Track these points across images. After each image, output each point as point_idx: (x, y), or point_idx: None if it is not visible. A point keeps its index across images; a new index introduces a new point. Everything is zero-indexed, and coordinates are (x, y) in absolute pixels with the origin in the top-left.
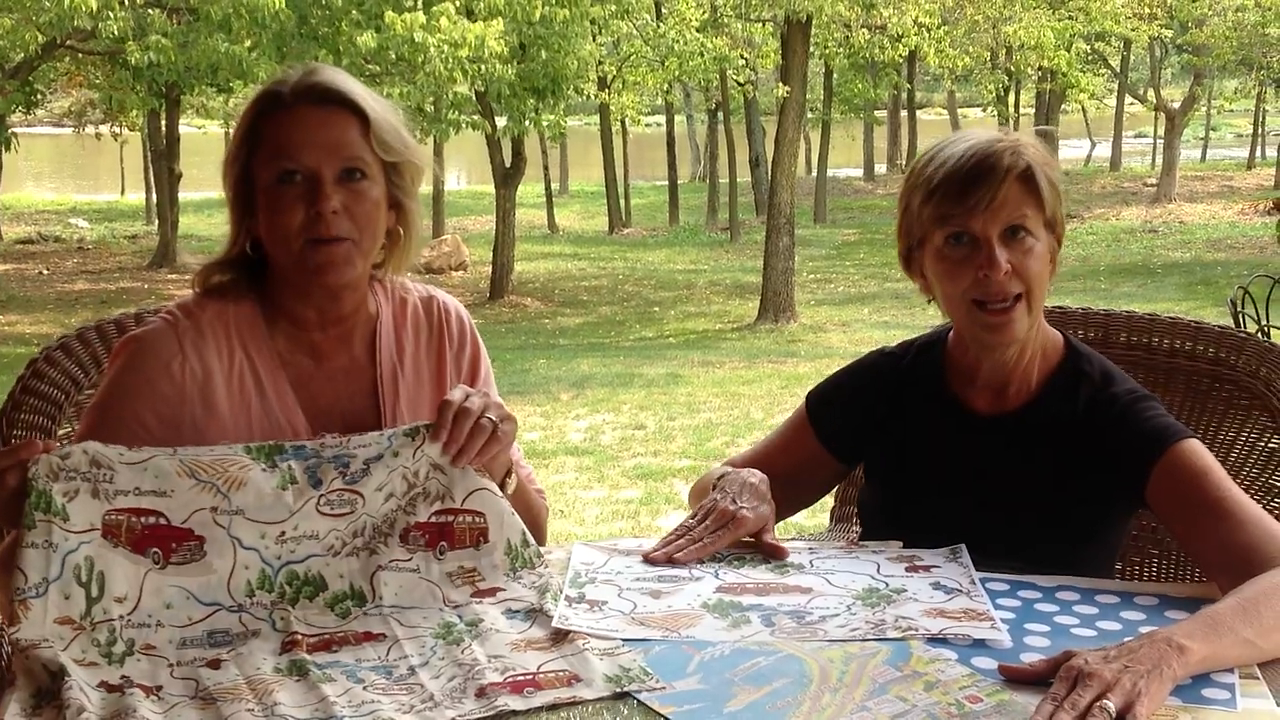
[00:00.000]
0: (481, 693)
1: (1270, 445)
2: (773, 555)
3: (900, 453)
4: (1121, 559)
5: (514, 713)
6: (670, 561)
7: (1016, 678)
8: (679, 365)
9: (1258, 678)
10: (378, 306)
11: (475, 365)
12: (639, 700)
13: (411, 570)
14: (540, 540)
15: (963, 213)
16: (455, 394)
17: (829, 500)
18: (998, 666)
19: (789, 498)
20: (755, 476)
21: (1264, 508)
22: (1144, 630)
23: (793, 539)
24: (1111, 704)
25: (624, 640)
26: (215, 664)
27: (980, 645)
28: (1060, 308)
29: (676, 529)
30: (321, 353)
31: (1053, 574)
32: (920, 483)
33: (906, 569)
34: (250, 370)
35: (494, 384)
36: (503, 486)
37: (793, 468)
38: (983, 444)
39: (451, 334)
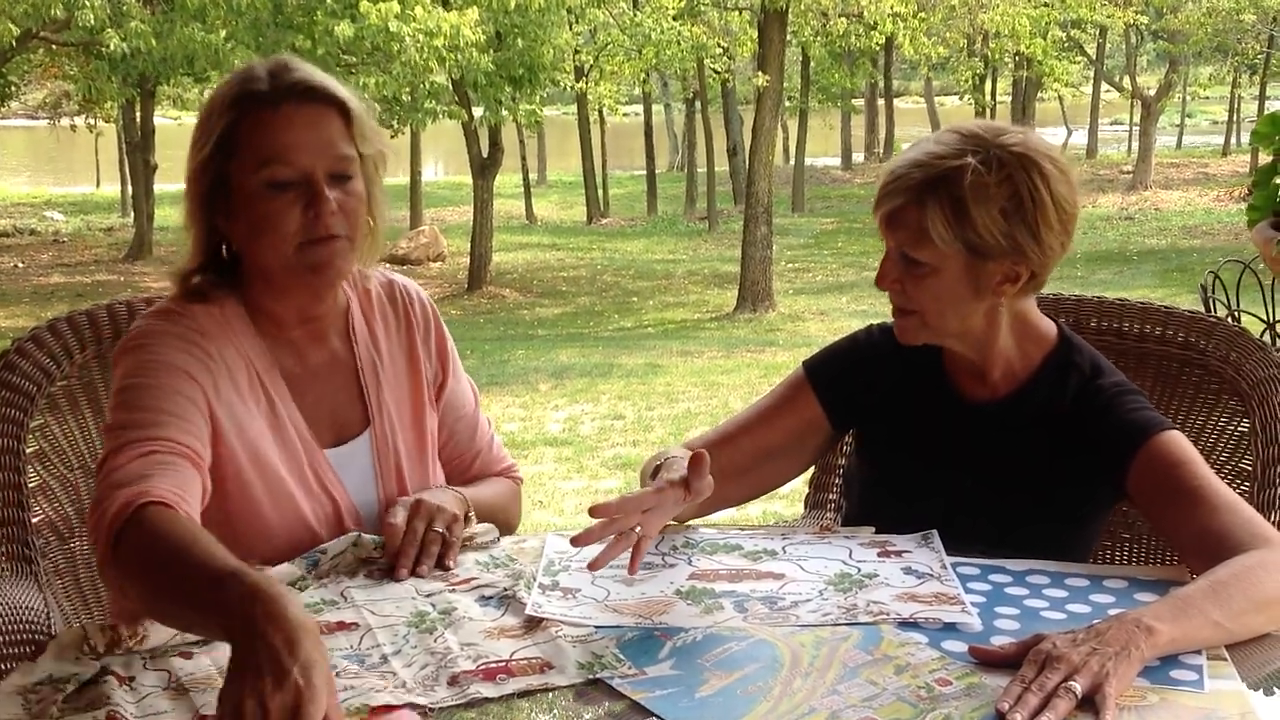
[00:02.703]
0: (454, 680)
1: (1240, 429)
2: (696, 471)
3: (892, 428)
4: (1094, 545)
5: (486, 700)
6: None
7: (986, 660)
8: (658, 355)
9: (1225, 659)
10: (346, 298)
11: (443, 348)
12: (612, 686)
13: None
14: (514, 522)
15: (880, 222)
16: (398, 516)
17: (804, 487)
18: (968, 649)
19: (776, 470)
20: (674, 455)
21: (1235, 492)
22: (1113, 613)
23: (768, 526)
24: (1078, 685)
25: (597, 627)
26: (188, 655)
27: (951, 629)
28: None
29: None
30: (302, 350)
31: (1031, 558)
32: (909, 461)
33: (878, 554)
34: (254, 374)
35: (459, 362)
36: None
37: (785, 435)
38: (971, 428)
39: (417, 319)
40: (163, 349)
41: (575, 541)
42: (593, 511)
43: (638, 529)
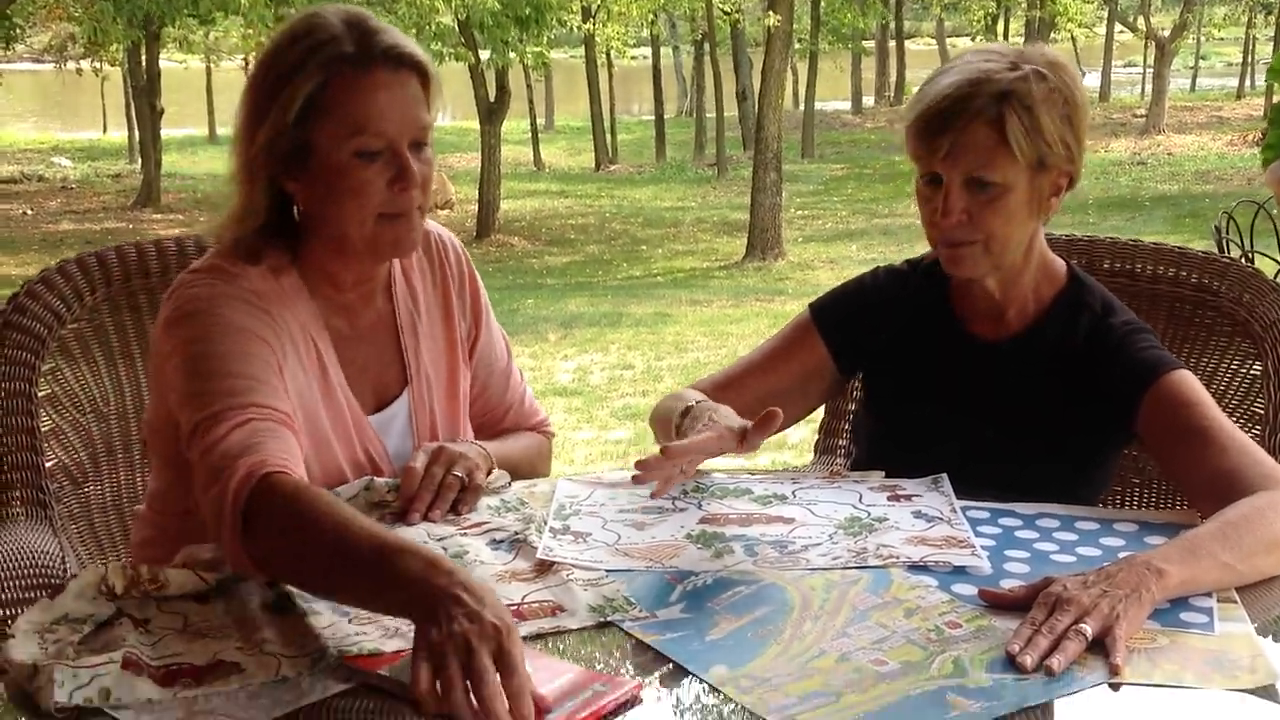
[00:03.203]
0: None
1: (1252, 372)
2: (763, 428)
3: (901, 372)
4: (1102, 492)
5: None
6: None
7: (996, 603)
8: (667, 304)
9: (1235, 601)
10: None
11: (476, 300)
12: (623, 629)
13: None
14: (544, 476)
15: (928, 154)
16: (419, 460)
17: (813, 435)
18: (978, 592)
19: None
20: (719, 408)
21: (1247, 433)
22: (1123, 556)
23: (778, 471)
24: (1088, 627)
25: (608, 571)
26: (203, 600)
27: (960, 572)
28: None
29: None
30: (352, 312)
31: (1041, 501)
32: (918, 404)
33: (888, 498)
34: (309, 338)
35: (492, 314)
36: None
37: (790, 379)
38: (982, 368)
39: (452, 272)
40: (227, 311)
41: (637, 478)
42: (665, 452)
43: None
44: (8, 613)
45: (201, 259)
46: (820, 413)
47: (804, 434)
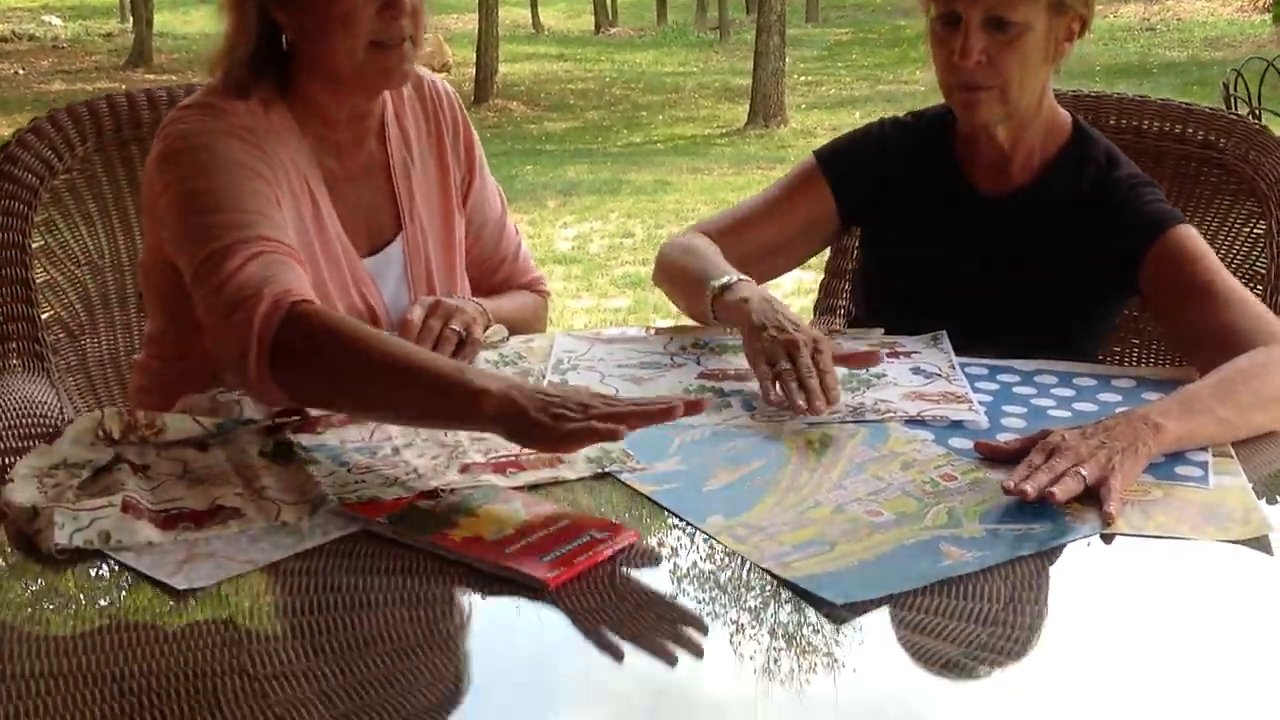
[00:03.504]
0: (465, 470)
1: (1256, 231)
2: (866, 362)
3: (903, 224)
4: (1103, 349)
5: (495, 488)
6: (826, 409)
7: (992, 455)
8: (667, 171)
9: (1231, 455)
10: (382, 97)
11: (470, 148)
12: (620, 480)
13: None
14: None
15: None
16: (415, 313)
17: (813, 293)
18: (974, 445)
19: (778, 264)
20: (772, 296)
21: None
22: (1120, 410)
23: None
24: (1086, 473)
25: None
26: (203, 447)
27: (958, 427)
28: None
29: (770, 379)
30: (346, 151)
31: (1039, 357)
32: (920, 256)
33: (887, 354)
34: (301, 177)
35: (486, 165)
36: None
37: (794, 228)
38: (985, 222)
39: (446, 119)
40: (221, 146)
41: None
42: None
43: None
44: (6, 460)
45: (191, 97)
46: (820, 273)
47: (805, 303)
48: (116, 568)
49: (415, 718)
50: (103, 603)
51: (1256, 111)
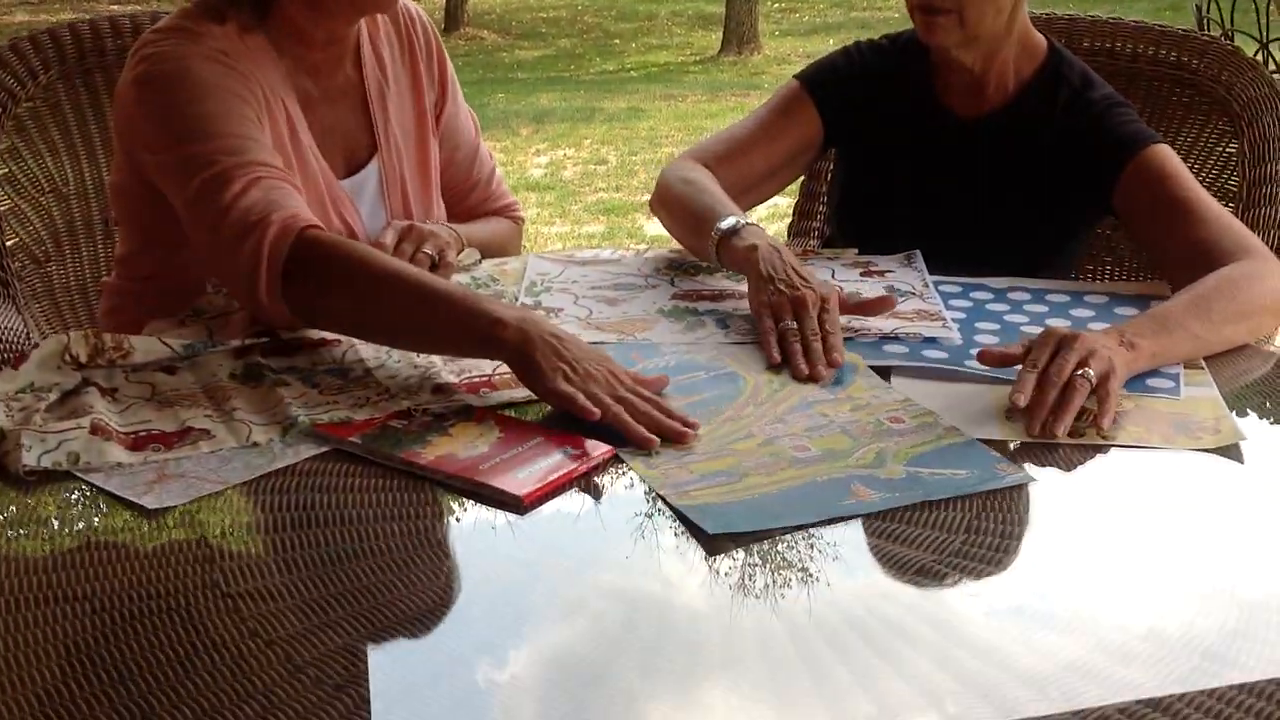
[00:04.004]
0: (438, 390)
1: (1228, 150)
2: (879, 308)
3: (881, 145)
4: (1075, 269)
5: (469, 407)
6: (829, 374)
7: (996, 362)
8: (640, 99)
9: (1202, 367)
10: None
11: (444, 72)
12: None
13: None
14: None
15: None
16: (387, 236)
17: (787, 217)
18: (977, 355)
19: (768, 189)
20: (781, 245)
21: None
22: (1094, 327)
23: None
24: (1093, 372)
25: None
26: (171, 370)
27: (931, 343)
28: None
29: (773, 336)
30: (322, 73)
31: (1011, 275)
32: (897, 177)
33: (861, 274)
34: (278, 100)
35: (459, 90)
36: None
37: (786, 151)
38: (961, 144)
39: (419, 43)
40: (202, 70)
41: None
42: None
43: None
44: None
45: (165, 19)
46: (796, 194)
47: (779, 227)
48: (88, 490)
49: (390, 630)
50: (73, 523)
51: (1229, 34)
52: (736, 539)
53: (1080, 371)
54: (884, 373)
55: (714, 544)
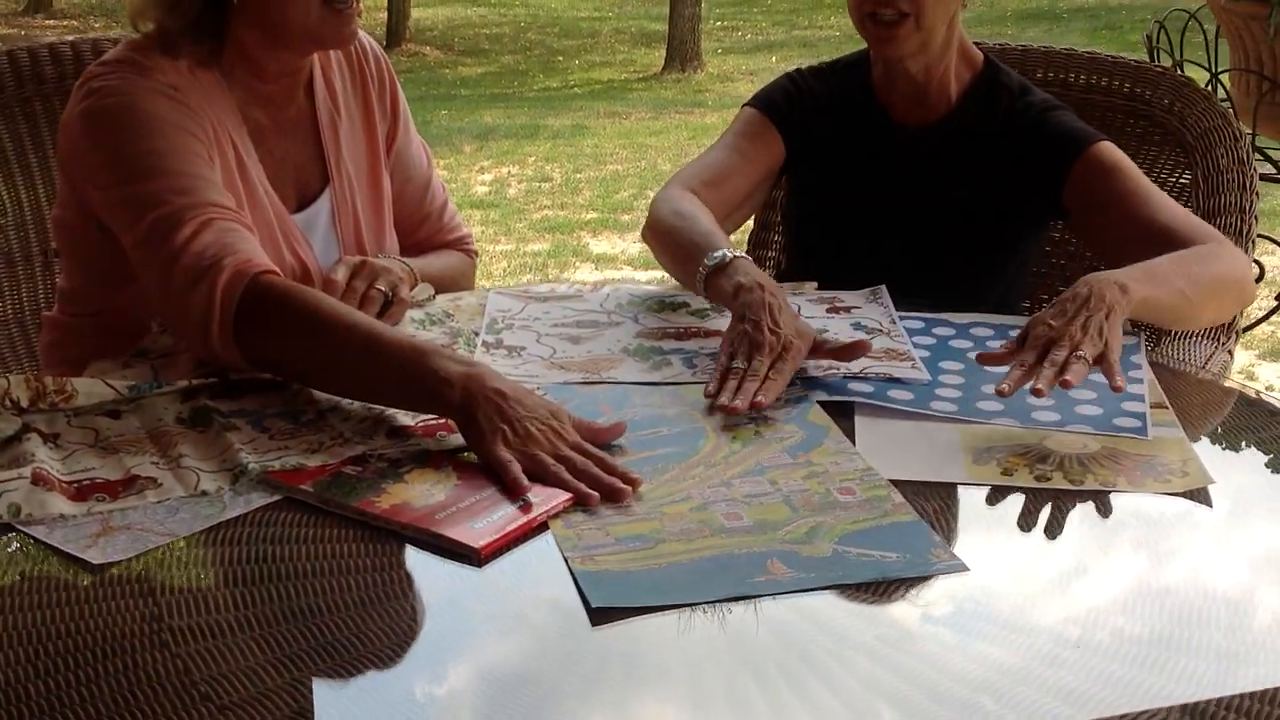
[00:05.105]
0: (393, 434)
1: (1182, 181)
2: (854, 353)
3: (832, 165)
4: (1030, 297)
5: (426, 451)
6: (745, 409)
7: (992, 362)
8: (584, 116)
9: (1167, 406)
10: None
11: (396, 104)
12: None
13: None
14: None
15: None
16: (339, 273)
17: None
18: (975, 356)
19: (740, 219)
20: (769, 283)
21: None
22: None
23: None
24: (1086, 353)
25: (545, 386)
26: (115, 413)
27: (898, 383)
28: (976, 43)
29: (720, 372)
30: (273, 104)
31: (968, 289)
32: (850, 194)
33: (827, 310)
34: (227, 134)
35: (412, 122)
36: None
37: (755, 178)
38: (909, 154)
39: (372, 73)
40: (150, 105)
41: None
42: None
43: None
44: None
45: (112, 51)
46: (750, 226)
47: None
48: (30, 543)
49: (345, 692)
50: (14, 579)
51: (1180, 64)
52: (622, 612)
53: (1074, 355)
54: (848, 410)
55: (597, 614)
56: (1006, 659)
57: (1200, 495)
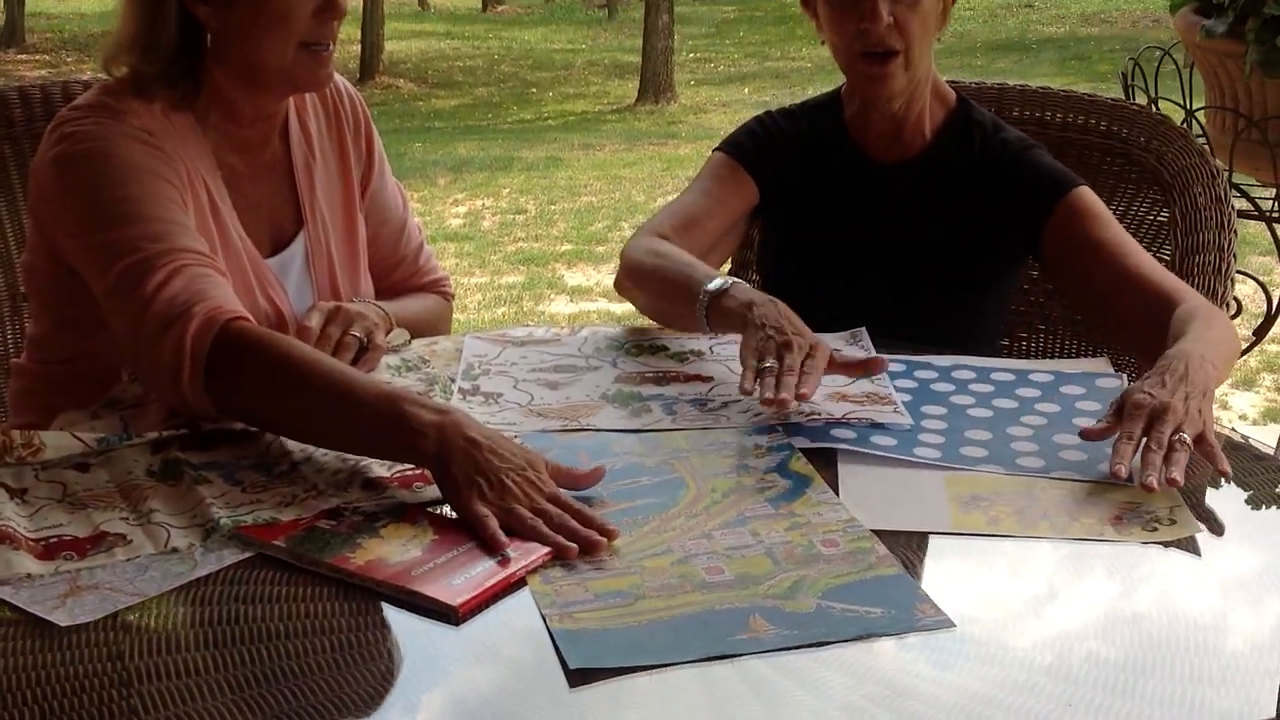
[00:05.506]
0: (369, 486)
1: (1159, 218)
2: (869, 369)
3: (807, 205)
4: (1008, 334)
5: (402, 504)
6: (791, 399)
7: (1096, 437)
8: (559, 148)
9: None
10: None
11: (371, 147)
12: None
13: None
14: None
15: None
16: (313, 319)
17: None
18: (1080, 432)
19: (715, 263)
20: (777, 300)
21: None
22: (1041, 408)
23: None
24: (1188, 436)
25: (523, 434)
26: (84, 467)
27: (880, 427)
28: (952, 82)
29: (753, 372)
30: (249, 149)
31: (944, 326)
32: (826, 233)
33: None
34: (201, 179)
35: (388, 165)
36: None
37: (728, 221)
38: (883, 192)
39: (347, 115)
40: (124, 151)
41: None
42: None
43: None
44: None
45: (84, 95)
46: (728, 265)
47: None
48: None
49: None
50: None
51: (1155, 100)
52: (602, 672)
53: (1177, 436)
54: (831, 456)
55: (576, 675)
56: (982, 689)
57: (1188, 544)
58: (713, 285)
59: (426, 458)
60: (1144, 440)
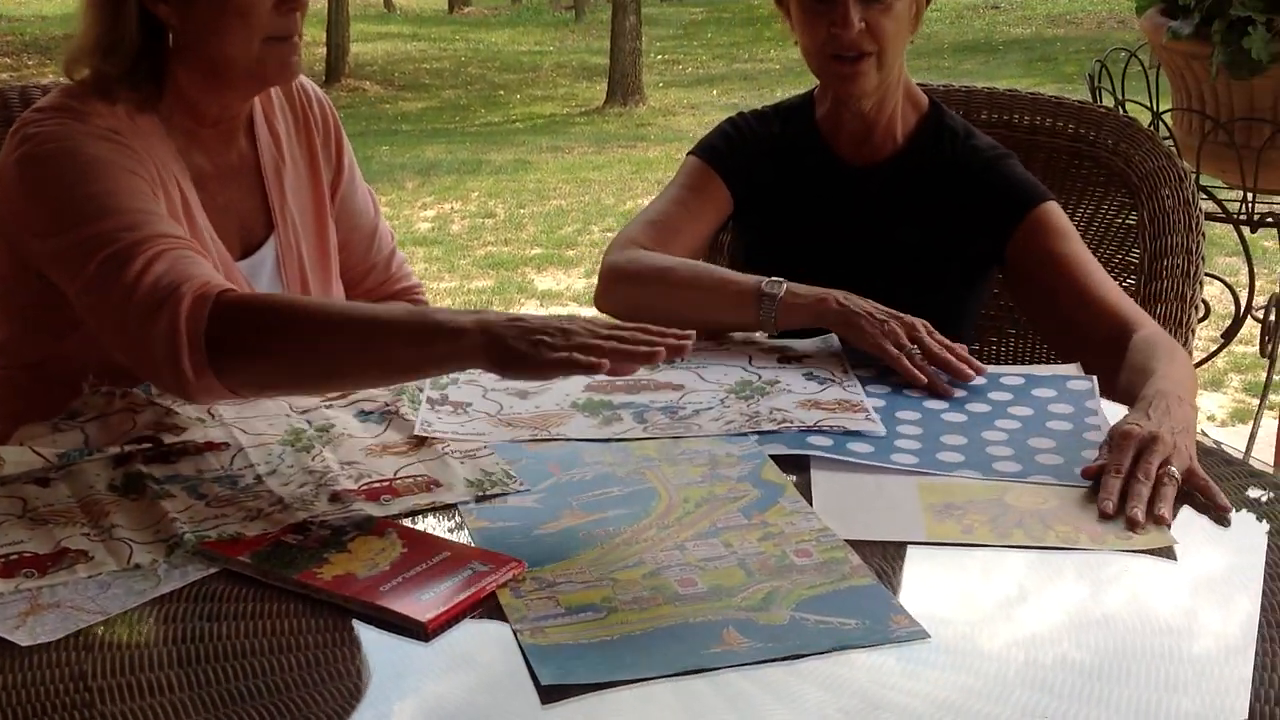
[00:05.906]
0: (335, 498)
1: (1128, 221)
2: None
3: (779, 208)
4: (979, 339)
5: (369, 517)
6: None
7: (1093, 475)
8: (527, 151)
9: None
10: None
11: (340, 151)
12: (460, 511)
13: None
14: None
15: None
16: None
17: None
18: (1080, 471)
19: None
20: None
21: (1121, 283)
22: (1014, 411)
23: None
24: (1176, 470)
25: (491, 445)
26: (44, 481)
27: (855, 435)
28: (920, 84)
29: (899, 358)
30: (214, 150)
31: None
32: (798, 236)
33: (778, 360)
34: (171, 182)
35: (358, 169)
36: None
37: (706, 227)
38: (854, 194)
39: (316, 120)
40: (91, 149)
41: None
42: None
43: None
44: None
45: (46, 97)
46: None
47: None
48: None
49: None
50: None
51: (1121, 103)
52: (576, 687)
53: (1165, 470)
54: (804, 463)
55: (548, 691)
56: (957, 698)
57: (1166, 554)
58: (772, 287)
59: (477, 353)
60: (1131, 470)
